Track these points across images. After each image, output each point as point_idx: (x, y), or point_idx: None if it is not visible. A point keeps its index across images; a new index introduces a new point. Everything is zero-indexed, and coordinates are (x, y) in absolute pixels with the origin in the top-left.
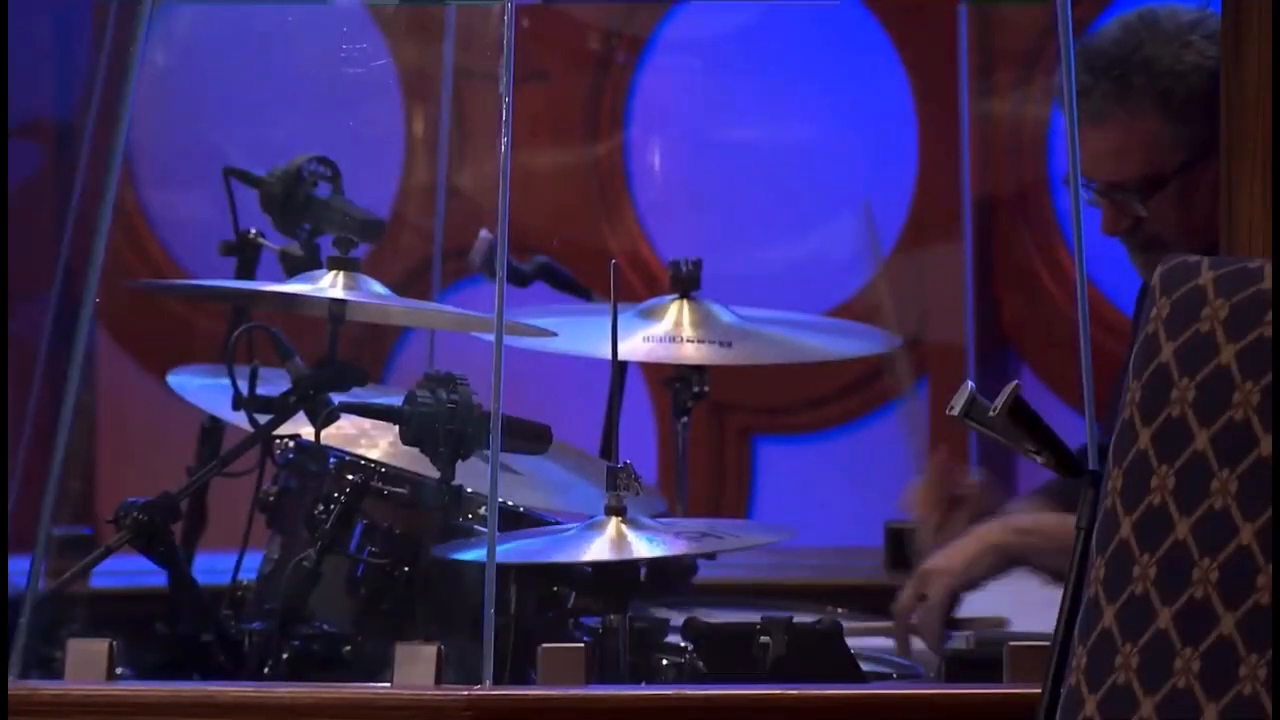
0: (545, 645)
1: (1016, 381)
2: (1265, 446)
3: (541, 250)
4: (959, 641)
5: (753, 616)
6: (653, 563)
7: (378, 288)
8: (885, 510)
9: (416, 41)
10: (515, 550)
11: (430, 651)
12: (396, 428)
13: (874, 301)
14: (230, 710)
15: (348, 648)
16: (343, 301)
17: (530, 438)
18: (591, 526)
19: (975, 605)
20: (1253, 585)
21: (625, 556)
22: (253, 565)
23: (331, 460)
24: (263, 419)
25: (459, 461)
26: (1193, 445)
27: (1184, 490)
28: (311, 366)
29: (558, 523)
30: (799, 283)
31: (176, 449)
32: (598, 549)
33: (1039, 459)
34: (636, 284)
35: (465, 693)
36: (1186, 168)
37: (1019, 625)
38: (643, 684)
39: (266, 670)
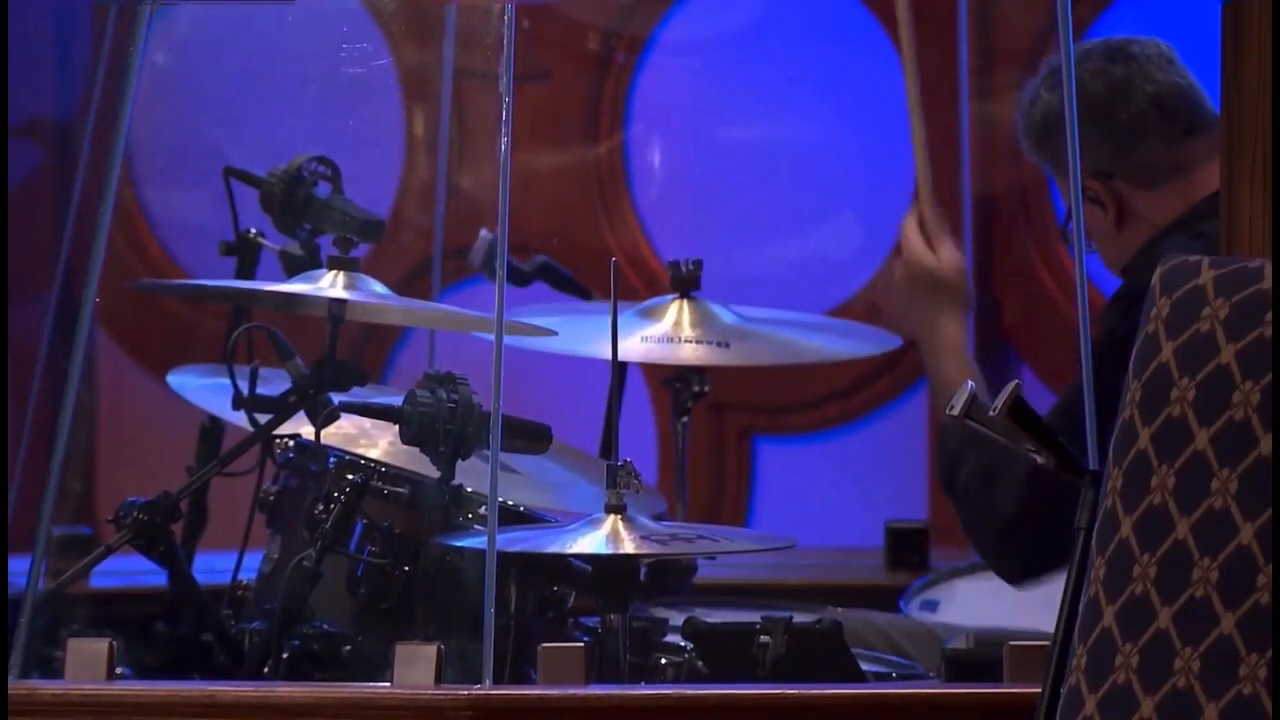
0: (545, 645)
1: (1017, 381)
2: (1265, 446)
3: (541, 250)
4: (959, 641)
5: (753, 616)
6: (653, 564)
7: (378, 288)
8: (885, 510)
9: (416, 41)
10: (510, 539)
11: (430, 651)
12: (396, 427)
13: None
14: (230, 710)
15: (348, 648)
16: (343, 301)
17: (530, 438)
18: (590, 524)
19: (974, 605)
20: (1253, 585)
21: (620, 550)
22: (253, 565)
23: (331, 460)
24: (263, 419)
25: (459, 461)
26: (1193, 445)
27: (1184, 490)
28: (311, 366)
29: (557, 521)
30: (799, 283)
31: (176, 449)
32: (594, 543)
33: (1039, 459)
34: (636, 284)
35: (465, 693)
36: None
37: (1018, 625)
38: (642, 684)
39: (266, 670)
